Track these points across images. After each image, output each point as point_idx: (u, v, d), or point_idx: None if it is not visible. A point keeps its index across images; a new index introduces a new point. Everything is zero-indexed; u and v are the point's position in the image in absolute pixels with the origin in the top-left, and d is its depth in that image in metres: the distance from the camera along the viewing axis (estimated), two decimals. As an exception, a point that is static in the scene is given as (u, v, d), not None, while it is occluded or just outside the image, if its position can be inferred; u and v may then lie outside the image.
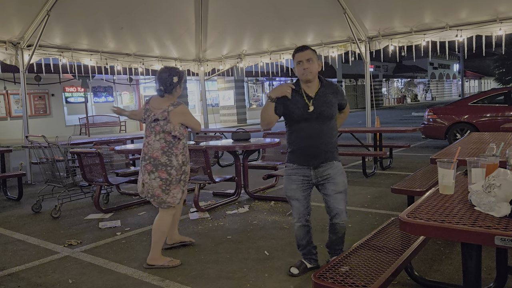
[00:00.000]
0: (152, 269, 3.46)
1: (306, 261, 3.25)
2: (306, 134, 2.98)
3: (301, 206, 3.10)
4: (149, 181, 3.46)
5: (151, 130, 3.49)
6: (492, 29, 7.24)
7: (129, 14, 8.30)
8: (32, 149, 6.52)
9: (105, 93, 23.47)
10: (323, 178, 3.02)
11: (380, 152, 7.40)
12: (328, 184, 3.02)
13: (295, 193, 3.08)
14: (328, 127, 3.01)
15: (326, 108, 2.97)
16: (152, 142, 3.46)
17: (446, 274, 3.13)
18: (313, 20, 8.51)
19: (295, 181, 3.06)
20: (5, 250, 4.13)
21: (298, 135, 3.02)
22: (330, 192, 3.02)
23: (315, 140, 2.97)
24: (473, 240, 1.56)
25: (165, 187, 3.46)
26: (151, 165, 3.44)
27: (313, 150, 2.98)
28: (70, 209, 5.66)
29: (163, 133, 3.44)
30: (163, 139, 3.45)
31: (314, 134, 2.97)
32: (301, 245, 3.22)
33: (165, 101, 3.52)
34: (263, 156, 6.82)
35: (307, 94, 2.99)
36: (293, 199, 3.10)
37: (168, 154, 3.44)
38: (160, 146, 3.44)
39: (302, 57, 2.94)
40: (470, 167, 2.06)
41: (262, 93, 31.18)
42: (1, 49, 7.45)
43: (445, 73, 58.44)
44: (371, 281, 2.21)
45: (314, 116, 2.95)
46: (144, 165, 3.47)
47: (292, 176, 3.08)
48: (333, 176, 3.01)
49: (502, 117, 9.18)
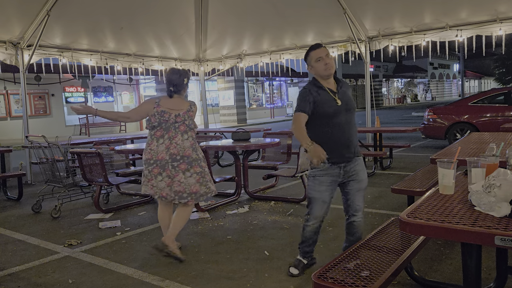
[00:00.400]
0: (152, 269, 3.46)
1: (304, 259, 3.24)
2: (337, 128, 2.96)
3: (325, 207, 3.06)
4: (185, 180, 3.58)
5: (175, 131, 3.61)
6: (492, 29, 7.24)
7: (129, 14, 8.30)
8: (32, 149, 6.52)
9: (105, 93, 23.48)
10: (350, 175, 3.02)
11: (380, 152, 7.40)
12: (353, 181, 3.04)
13: (322, 195, 3.02)
14: (354, 119, 3.08)
15: (350, 100, 3.05)
16: (180, 143, 3.61)
17: (446, 274, 3.13)
18: (313, 20, 8.51)
19: (324, 183, 3.00)
20: (5, 250, 4.13)
21: (332, 131, 2.96)
22: (353, 190, 3.05)
23: (348, 133, 2.99)
24: (473, 240, 1.56)
25: (202, 180, 3.66)
26: (185, 163, 3.58)
27: (348, 142, 2.99)
28: (70, 209, 5.66)
29: (190, 131, 3.66)
30: (190, 137, 3.67)
31: (346, 127, 2.99)
32: (309, 244, 3.20)
33: (180, 101, 3.69)
34: (263, 156, 6.82)
35: (330, 89, 3.00)
36: (319, 201, 3.03)
37: (195, 149, 3.68)
38: (189, 144, 3.64)
39: (322, 53, 2.98)
40: (470, 167, 2.06)
41: (262, 93, 31.21)
42: (1, 49, 7.45)
43: (445, 73, 58.46)
44: (371, 281, 2.21)
45: (343, 110, 2.97)
46: (177, 165, 3.56)
47: (321, 177, 2.99)
48: (358, 173, 3.04)
49: (502, 117, 9.18)
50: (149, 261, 3.65)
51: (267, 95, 31.63)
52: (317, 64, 2.98)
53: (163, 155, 3.56)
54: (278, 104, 32.39)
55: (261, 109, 30.44)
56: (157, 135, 3.61)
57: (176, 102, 3.67)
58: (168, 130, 3.60)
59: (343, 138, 2.98)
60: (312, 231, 3.15)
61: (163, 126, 3.61)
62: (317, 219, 3.09)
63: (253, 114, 29.04)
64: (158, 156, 3.57)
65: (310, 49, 3.03)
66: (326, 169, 2.98)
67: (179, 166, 3.56)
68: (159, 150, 3.58)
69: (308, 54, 3.04)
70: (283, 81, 32.51)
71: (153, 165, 3.58)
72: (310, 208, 3.10)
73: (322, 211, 3.07)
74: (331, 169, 2.98)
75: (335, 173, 2.99)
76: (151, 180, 3.63)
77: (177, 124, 3.60)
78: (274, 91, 32.25)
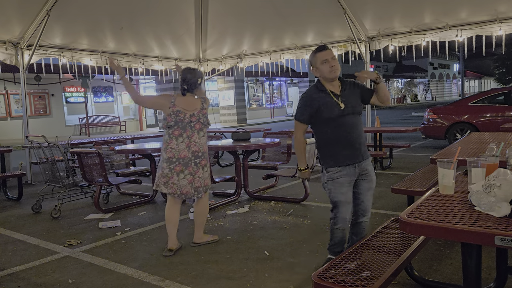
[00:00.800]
0: (152, 269, 3.47)
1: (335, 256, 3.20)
2: (346, 131, 2.96)
3: (350, 208, 3.05)
4: (202, 175, 3.81)
5: (192, 130, 3.75)
6: (492, 29, 7.24)
7: (129, 14, 8.30)
8: (32, 149, 6.52)
9: (105, 93, 23.48)
10: (362, 174, 3.03)
11: (380, 152, 7.40)
12: (364, 181, 3.05)
13: (346, 197, 3.00)
14: (360, 121, 3.06)
15: (355, 102, 3.01)
16: (198, 140, 3.79)
17: (446, 274, 3.13)
18: (313, 20, 8.51)
19: (343, 185, 2.98)
20: (5, 250, 4.13)
21: (338, 134, 2.97)
22: (364, 190, 3.05)
23: (354, 135, 2.98)
24: (473, 240, 1.56)
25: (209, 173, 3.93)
26: (205, 159, 3.83)
27: (356, 144, 2.98)
28: (70, 209, 5.66)
29: (204, 128, 3.84)
30: (205, 134, 3.87)
31: (352, 129, 2.98)
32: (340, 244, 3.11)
33: (193, 100, 3.82)
34: (263, 156, 6.82)
35: (333, 92, 2.98)
36: (344, 204, 3.00)
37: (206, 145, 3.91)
38: (205, 140, 3.87)
39: (327, 55, 2.96)
40: (470, 167, 2.06)
41: (262, 93, 31.21)
42: (1, 49, 7.45)
43: (445, 73, 58.46)
44: (371, 281, 2.20)
45: (347, 113, 2.96)
46: (199, 161, 3.78)
47: (340, 179, 2.97)
48: (369, 173, 3.06)
49: (502, 117, 9.17)
50: (149, 261, 3.65)
51: (267, 95, 31.63)
52: (323, 67, 2.96)
53: (185, 153, 3.71)
54: (278, 104, 32.39)
55: (261, 109, 30.44)
56: (175, 134, 3.72)
57: (190, 101, 3.79)
58: (185, 129, 3.73)
59: (351, 139, 2.98)
60: (341, 232, 3.11)
61: (179, 125, 3.72)
62: (345, 221, 3.05)
63: (253, 114, 29.04)
64: (180, 154, 3.70)
65: (316, 50, 3.01)
66: (341, 170, 2.97)
67: (200, 162, 3.78)
68: (179, 148, 3.71)
69: (314, 56, 3.00)
70: (283, 81, 32.51)
71: (176, 163, 3.70)
72: (336, 212, 3.04)
73: (348, 212, 3.05)
74: (348, 169, 2.98)
75: (351, 173, 2.99)
76: (172, 178, 3.72)
77: (193, 123, 3.75)
78: (274, 91, 32.25)
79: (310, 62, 3.09)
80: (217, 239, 4.10)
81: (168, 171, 3.71)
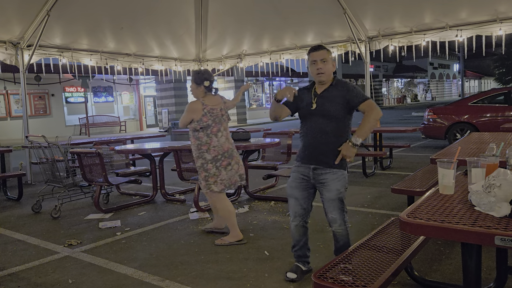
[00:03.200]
0: (152, 269, 3.47)
1: (300, 264, 3.15)
2: (309, 131, 2.96)
3: (298, 205, 3.03)
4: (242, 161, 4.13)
5: (226, 123, 4.02)
6: (492, 29, 7.24)
7: (129, 14, 8.30)
8: (32, 149, 6.52)
9: (105, 93, 23.48)
10: (319, 182, 2.93)
11: (380, 152, 7.40)
12: (323, 190, 2.93)
13: (293, 191, 3.04)
14: (333, 127, 2.89)
15: (330, 106, 2.88)
16: (230, 137, 4.04)
17: (446, 274, 3.13)
18: (313, 20, 8.51)
19: (295, 179, 3.03)
20: (5, 250, 4.13)
21: (304, 132, 3.03)
22: (325, 200, 2.94)
23: (316, 139, 2.91)
24: (473, 240, 1.56)
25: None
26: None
27: (311, 149, 2.94)
28: (70, 209, 5.66)
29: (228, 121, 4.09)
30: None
31: (316, 132, 2.92)
32: (296, 245, 3.13)
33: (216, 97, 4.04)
34: (263, 156, 6.82)
35: (316, 92, 2.98)
36: (291, 197, 3.06)
37: None
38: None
39: (317, 56, 2.91)
40: (470, 167, 2.05)
41: (262, 93, 31.21)
42: (1, 49, 7.45)
43: (445, 73, 58.46)
44: (371, 281, 2.21)
45: (317, 114, 2.91)
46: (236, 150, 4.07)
47: (293, 173, 3.06)
48: (328, 182, 2.89)
49: (502, 117, 9.17)
50: (149, 261, 3.65)
51: (267, 95, 31.62)
52: (311, 67, 2.97)
53: (228, 146, 3.94)
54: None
55: (261, 109, 30.44)
56: (214, 131, 3.89)
57: (215, 98, 4.01)
58: (221, 123, 3.95)
59: (312, 142, 2.94)
60: (295, 230, 3.09)
61: (216, 121, 3.90)
62: (295, 217, 3.05)
63: (253, 114, 29.05)
64: (224, 148, 3.91)
65: (310, 49, 3.00)
66: (298, 166, 3.04)
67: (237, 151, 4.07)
68: (221, 143, 3.91)
69: (308, 54, 3.02)
70: (283, 81, 32.50)
71: (221, 159, 3.89)
72: (288, 204, 3.13)
73: (297, 208, 3.03)
74: (301, 168, 3.01)
75: (305, 172, 2.98)
76: (220, 175, 3.90)
77: (224, 116, 3.99)
78: (274, 91, 32.24)
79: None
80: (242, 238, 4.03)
81: (216, 170, 3.88)
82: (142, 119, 25.15)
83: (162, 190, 5.99)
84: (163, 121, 22.58)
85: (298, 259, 3.17)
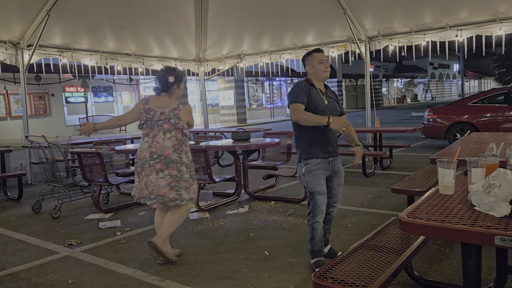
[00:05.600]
0: (152, 269, 3.46)
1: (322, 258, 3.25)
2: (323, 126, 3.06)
3: (326, 200, 3.20)
4: (155, 180, 3.40)
5: (158, 129, 3.46)
6: (492, 29, 7.24)
7: (129, 14, 8.30)
8: (32, 149, 6.52)
9: (105, 93, 23.47)
10: (334, 171, 3.26)
11: (380, 152, 7.40)
12: (336, 177, 3.29)
13: (322, 187, 3.17)
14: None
15: (335, 102, 3.29)
16: (161, 141, 3.44)
17: (446, 274, 3.13)
18: (313, 20, 8.51)
19: (321, 176, 3.17)
20: (5, 250, 4.13)
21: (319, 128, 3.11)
22: (336, 185, 3.30)
23: (330, 132, 3.19)
24: (473, 240, 1.56)
25: (174, 185, 3.42)
26: (161, 163, 3.41)
27: (329, 143, 3.20)
28: (70, 209, 5.66)
29: (174, 131, 3.47)
30: (174, 137, 3.47)
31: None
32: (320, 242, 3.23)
33: (168, 100, 3.54)
34: (263, 156, 6.82)
35: (320, 90, 3.23)
36: (320, 194, 3.16)
37: (178, 151, 3.47)
38: (171, 144, 3.45)
39: (324, 57, 3.23)
40: (470, 167, 2.06)
41: (262, 93, 31.20)
42: (1, 49, 7.45)
43: (445, 73, 58.44)
44: (371, 281, 2.21)
45: (328, 109, 3.18)
46: (153, 164, 3.41)
47: (317, 171, 3.16)
48: (340, 169, 3.32)
49: (502, 117, 9.17)
50: (149, 261, 3.65)
51: (267, 95, 31.62)
52: (320, 66, 3.20)
53: (144, 154, 3.46)
54: (278, 104, 32.38)
55: (261, 109, 30.43)
56: (144, 133, 3.53)
57: (164, 100, 3.54)
58: (153, 128, 3.49)
59: (329, 135, 3.20)
60: (321, 227, 3.22)
61: (148, 124, 3.51)
62: (323, 213, 3.19)
63: (253, 114, 29.03)
64: (141, 155, 3.48)
65: (314, 51, 3.27)
66: (319, 163, 3.16)
67: (154, 165, 3.40)
68: (142, 148, 3.49)
69: (311, 54, 3.25)
70: (283, 81, 32.50)
71: (137, 164, 3.51)
72: (314, 203, 3.17)
73: (324, 204, 3.19)
74: (323, 163, 3.17)
75: (326, 167, 3.19)
76: (136, 181, 3.55)
77: (160, 122, 3.46)
78: (274, 91, 32.24)
79: (304, 59, 3.28)
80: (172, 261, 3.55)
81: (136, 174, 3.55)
82: (142, 119, 25.10)
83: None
84: (163, 121, 22.53)
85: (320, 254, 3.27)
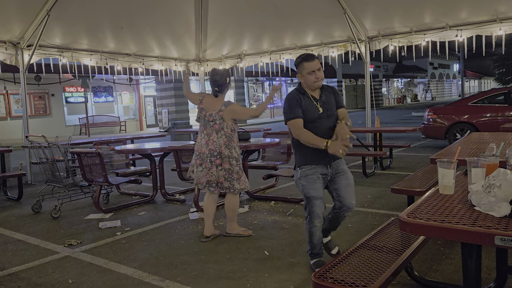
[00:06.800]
0: (151, 269, 3.47)
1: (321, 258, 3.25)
2: (318, 133, 3.04)
3: (323, 204, 3.15)
4: (216, 173, 4.00)
5: (211, 129, 4.00)
6: (492, 29, 7.23)
7: (129, 14, 8.30)
8: (32, 149, 6.52)
9: (105, 93, 23.48)
10: (337, 172, 3.19)
11: (380, 152, 7.40)
12: (340, 177, 3.19)
13: (318, 192, 3.12)
14: (334, 124, 3.16)
15: (331, 107, 3.17)
16: (216, 140, 3.99)
17: (446, 274, 3.13)
18: (313, 20, 8.50)
19: (316, 181, 3.12)
20: (5, 250, 4.13)
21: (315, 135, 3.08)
22: (343, 186, 3.18)
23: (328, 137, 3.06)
24: (473, 240, 1.56)
25: (228, 176, 4.00)
26: (220, 159, 3.98)
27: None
28: (70, 209, 5.66)
29: (222, 130, 3.99)
30: (224, 135, 3.99)
31: (325, 132, 3.07)
32: (318, 244, 3.22)
33: (218, 101, 4.04)
34: (263, 156, 6.82)
35: (313, 97, 3.15)
36: (316, 199, 3.11)
37: (229, 147, 4.01)
38: (223, 141, 3.99)
39: (314, 66, 3.07)
40: (470, 167, 2.05)
41: (262, 93, 31.20)
42: (1, 49, 7.45)
43: (445, 73, 58.44)
44: (371, 281, 2.21)
45: (324, 116, 3.11)
46: (214, 160, 3.98)
47: (312, 176, 3.12)
48: (345, 170, 3.24)
49: (502, 117, 9.17)
50: (149, 261, 3.65)
51: (267, 95, 31.60)
52: (309, 76, 3.09)
53: (204, 150, 4.01)
54: (278, 104, 32.37)
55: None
56: (200, 128, 4.09)
57: (214, 102, 4.04)
58: (206, 127, 4.03)
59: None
60: (319, 231, 3.19)
61: (202, 122, 4.06)
62: (320, 217, 3.15)
63: (253, 114, 28.98)
64: (201, 150, 4.02)
65: (304, 59, 3.11)
66: (315, 167, 3.12)
67: (215, 161, 3.97)
68: (201, 143, 4.03)
69: (301, 64, 3.11)
70: (283, 81, 32.50)
71: (197, 156, 4.05)
72: (310, 208, 3.13)
73: (322, 208, 3.14)
74: (319, 168, 3.12)
75: (323, 171, 3.14)
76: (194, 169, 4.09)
77: (211, 123, 4.00)
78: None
79: (296, 66, 3.18)
80: (249, 234, 4.20)
81: (194, 162, 4.10)
82: (142, 119, 25.14)
83: (162, 190, 5.99)
84: (163, 121, 22.57)
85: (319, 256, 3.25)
